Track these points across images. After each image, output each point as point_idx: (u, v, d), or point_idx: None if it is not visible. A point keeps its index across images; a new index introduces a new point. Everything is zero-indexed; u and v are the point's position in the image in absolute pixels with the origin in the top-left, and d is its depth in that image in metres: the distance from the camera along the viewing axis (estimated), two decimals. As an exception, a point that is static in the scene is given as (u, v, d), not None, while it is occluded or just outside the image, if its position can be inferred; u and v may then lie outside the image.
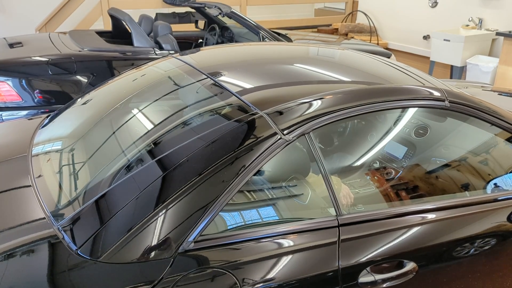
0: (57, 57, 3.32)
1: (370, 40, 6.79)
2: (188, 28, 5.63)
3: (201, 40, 4.94)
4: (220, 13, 4.10)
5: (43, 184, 1.54)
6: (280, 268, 1.29)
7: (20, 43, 3.65)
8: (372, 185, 1.75)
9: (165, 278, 1.17)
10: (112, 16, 4.25)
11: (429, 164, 1.91)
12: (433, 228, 1.52)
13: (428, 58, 5.91)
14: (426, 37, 6.21)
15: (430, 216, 1.54)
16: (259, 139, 1.37)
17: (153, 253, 1.21)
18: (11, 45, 3.58)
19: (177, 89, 1.82)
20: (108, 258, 1.19)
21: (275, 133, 1.39)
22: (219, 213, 1.30)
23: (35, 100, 3.27)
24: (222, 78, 1.76)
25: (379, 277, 1.39)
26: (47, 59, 3.29)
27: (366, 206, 1.57)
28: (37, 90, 3.28)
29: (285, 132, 1.41)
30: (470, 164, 1.85)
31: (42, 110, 3.32)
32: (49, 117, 2.15)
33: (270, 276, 1.27)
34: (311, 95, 1.54)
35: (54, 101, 3.32)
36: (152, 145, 1.47)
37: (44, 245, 1.26)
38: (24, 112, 3.28)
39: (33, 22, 5.62)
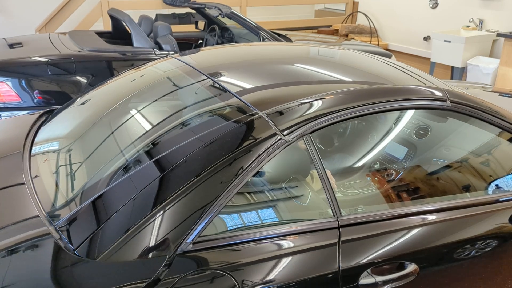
0: (56, 58, 3.31)
1: (371, 41, 6.78)
2: (188, 29, 5.62)
3: (201, 41, 4.93)
4: (220, 14, 4.09)
5: (40, 184, 1.53)
6: (280, 269, 1.28)
7: (20, 43, 3.64)
8: (373, 186, 1.74)
9: (163, 280, 1.16)
10: (112, 17, 4.24)
11: (430, 165, 1.90)
12: (434, 230, 1.50)
13: (429, 59, 5.91)
14: (426, 38, 6.20)
15: (431, 217, 1.53)
16: (258, 140, 1.36)
17: (151, 255, 1.19)
18: (11, 46, 3.57)
19: (176, 89, 1.81)
20: (105, 259, 1.18)
21: (275, 134, 1.38)
22: (218, 214, 1.28)
23: (35, 101, 3.26)
24: (221, 78, 1.75)
25: (379, 278, 1.38)
26: (47, 60, 3.28)
27: (367, 207, 1.56)
28: (37, 91, 3.27)
29: (285, 132, 1.40)
30: (472, 165, 1.84)
31: (42, 111, 3.30)
32: (47, 117, 2.14)
33: (269, 278, 1.26)
34: (312, 95, 1.53)
35: (54, 101, 3.31)
36: (151, 146, 1.46)
37: (41, 245, 1.24)
38: (23, 113, 3.26)
39: (33, 22, 5.62)
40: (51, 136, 1.85)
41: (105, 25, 5.74)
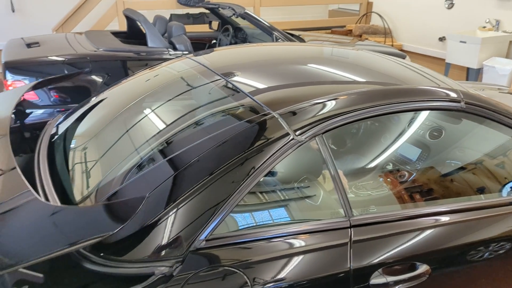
0: (73, 57, 3.37)
1: (385, 42, 6.74)
2: (202, 29, 5.66)
3: (214, 41, 4.96)
4: (233, 14, 4.11)
5: (56, 181, 1.56)
6: (291, 268, 1.29)
7: (37, 43, 3.71)
8: (385, 187, 1.74)
9: (176, 276, 1.18)
10: (127, 17, 4.29)
11: (444, 166, 1.89)
12: (447, 231, 1.50)
13: (444, 60, 5.84)
14: (441, 39, 6.14)
15: (444, 218, 1.52)
16: (271, 140, 1.37)
17: (165, 251, 1.21)
18: (29, 45, 3.64)
19: (191, 89, 1.83)
20: (120, 255, 1.20)
21: (288, 134, 1.39)
22: (231, 212, 1.30)
23: (51, 99, 3.32)
24: (235, 78, 1.77)
25: (391, 279, 1.38)
26: (63, 59, 3.34)
27: (379, 207, 1.56)
28: (53, 89, 3.32)
29: (297, 132, 1.40)
30: (486, 167, 1.82)
31: (58, 109, 3.36)
32: (63, 116, 2.17)
33: (280, 276, 1.27)
34: (325, 96, 1.54)
35: (70, 100, 3.37)
36: (165, 144, 1.48)
37: None
38: (41, 111, 3.33)
39: (50, 22, 5.71)
40: (66, 134, 1.89)
41: (120, 25, 5.80)
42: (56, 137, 1.90)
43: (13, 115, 1.94)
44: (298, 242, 1.33)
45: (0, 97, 2.07)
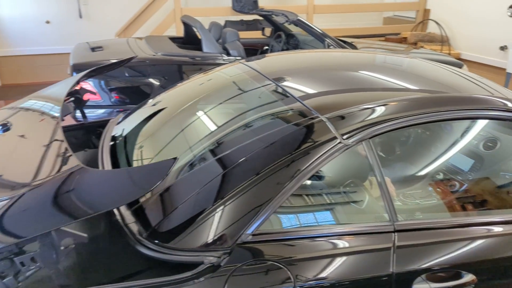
0: (133, 61, 3.55)
1: (441, 50, 6.54)
2: (255, 35, 5.76)
3: (266, 47, 5.04)
4: (286, 21, 4.17)
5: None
6: (333, 268, 1.31)
7: (101, 47, 3.95)
8: (434, 196, 1.72)
9: (223, 267, 1.25)
10: (184, 23, 4.47)
11: (498, 178, 1.84)
12: (495, 242, 1.46)
13: (505, 70, 5.59)
14: (503, 48, 5.88)
15: (495, 229, 1.49)
16: (317, 143, 1.41)
17: (213, 242, 1.28)
18: (93, 49, 3.89)
19: (242, 93, 1.90)
20: (174, 243, 1.28)
21: (335, 137, 1.42)
22: (278, 209, 1.34)
23: (112, 100, 3.53)
24: (285, 83, 1.82)
25: (434, 285, 1.37)
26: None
27: (425, 214, 1.55)
28: (114, 91, 3.53)
29: (344, 136, 1.43)
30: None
31: (117, 109, 3.56)
32: (123, 116, 2.32)
33: (323, 274, 1.30)
34: (374, 101, 1.55)
35: (129, 101, 3.56)
36: (216, 144, 1.56)
37: (113, 230, 1.37)
38: (102, 110, 3.54)
39: (114, 28, 6.06)
40: (126, 133, 2.02)
41: (178, 31, 6.04)
42: (117, 135, 2.03)
43: (66, 102, 2.05)
44: (342, 243, 1.36)
45: (58, 86, 2.20)
